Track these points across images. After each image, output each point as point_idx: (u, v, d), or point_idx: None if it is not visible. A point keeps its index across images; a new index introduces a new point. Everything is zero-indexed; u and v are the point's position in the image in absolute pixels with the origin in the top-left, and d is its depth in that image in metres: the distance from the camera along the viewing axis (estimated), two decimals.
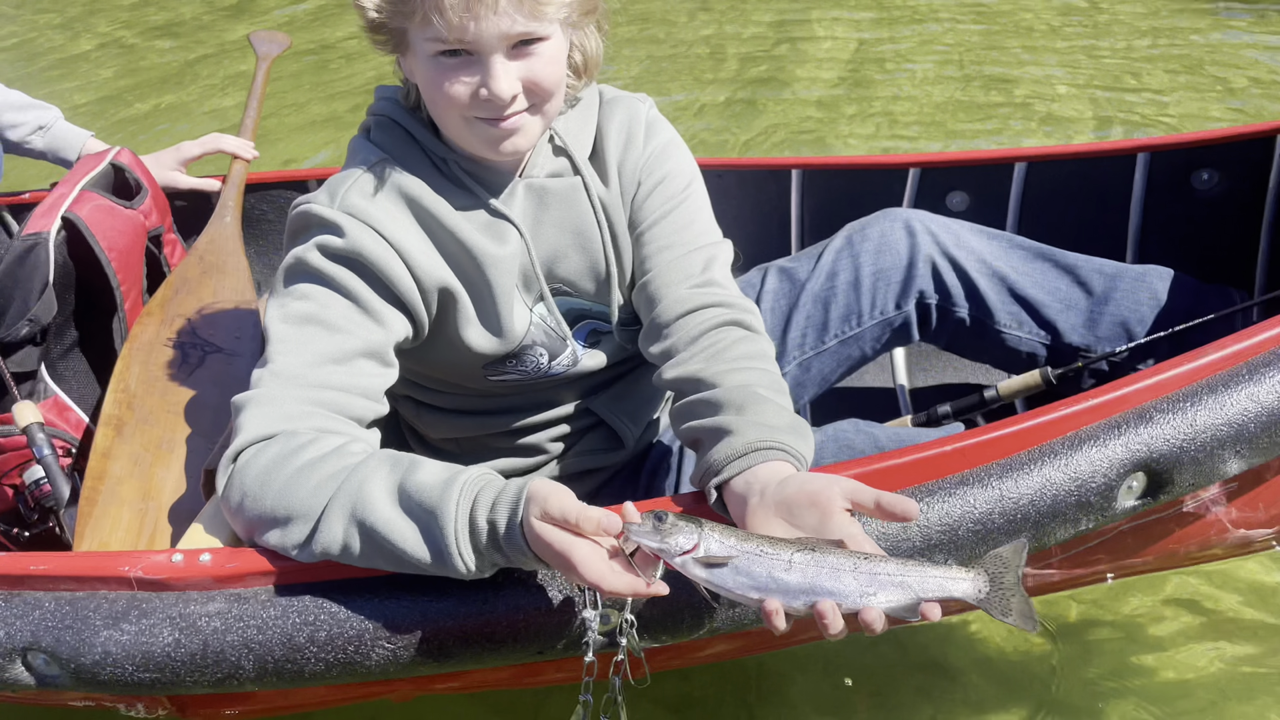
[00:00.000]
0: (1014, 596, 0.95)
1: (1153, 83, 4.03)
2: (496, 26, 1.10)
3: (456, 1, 1.07)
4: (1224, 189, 1.79)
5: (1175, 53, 4.29)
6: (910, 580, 0.91)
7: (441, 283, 1.24)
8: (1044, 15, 5.10)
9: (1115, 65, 4.25)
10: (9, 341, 1.55)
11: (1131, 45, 4.44)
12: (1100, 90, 3.99)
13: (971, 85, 4.05)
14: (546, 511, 0.95)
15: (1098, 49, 4.45)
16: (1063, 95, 3.99)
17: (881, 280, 1.64)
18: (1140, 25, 4.63)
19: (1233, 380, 1.16)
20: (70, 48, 6.36)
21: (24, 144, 2.08)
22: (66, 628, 1.09)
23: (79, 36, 6.56)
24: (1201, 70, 4.11)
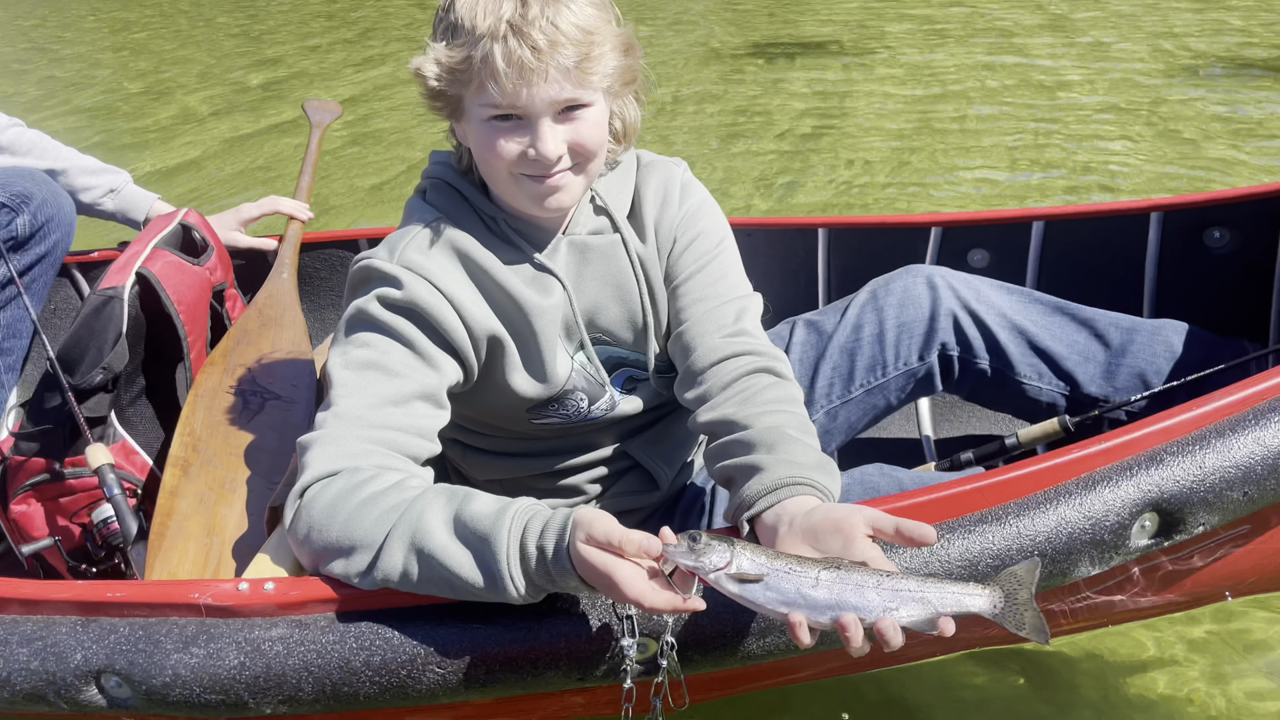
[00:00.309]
0: (1027, 611, 1.01)
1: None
2: (546, 93, 1.20)
3: (510, 71, 1.18)
4: (1235, 246, 1.85)
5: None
6: (930, 595, 0.98)
7: (490, 331, 1.33)
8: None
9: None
10: (83, 388, 1.65)
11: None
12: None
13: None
14: (591, 535, 1.03)
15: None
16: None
17: (905, 333, 1.71)
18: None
19: (1239, 425, 1.21)
20: (146, 114, 6.69)
21: (96, 205, 2.22)
22: (140, 651, 1.16)
23: (155, 104, 6.92)
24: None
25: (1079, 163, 4.30)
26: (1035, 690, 1.76)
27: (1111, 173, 4.15)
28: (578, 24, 1.20)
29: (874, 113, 5.33)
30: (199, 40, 10.23)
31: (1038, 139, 4.65)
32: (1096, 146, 4.50)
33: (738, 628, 1.16)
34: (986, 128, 4.90)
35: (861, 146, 4.81)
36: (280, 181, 5.04)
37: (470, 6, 1.20)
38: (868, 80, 6.01)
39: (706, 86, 6.32)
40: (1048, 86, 5.51)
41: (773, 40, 7.55)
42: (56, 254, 2.10)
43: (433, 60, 1.24)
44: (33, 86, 8.06)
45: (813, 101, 5.67)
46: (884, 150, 4.70)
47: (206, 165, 5.56)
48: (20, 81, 8.28)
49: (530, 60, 1.17)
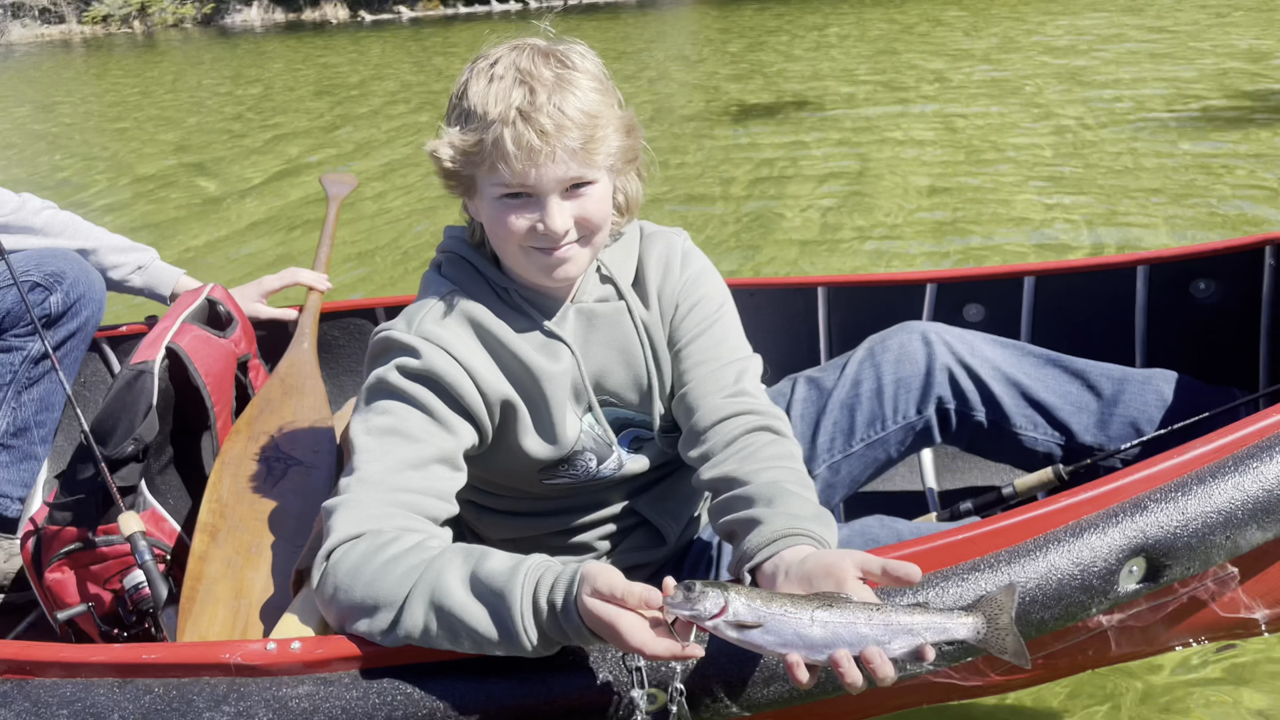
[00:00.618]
0: (1009, 636, 1.06)
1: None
2: (554, 173, 1.29)
3: (520, 153, 1.27)
4: (1221, 296, 1.92)
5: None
6: (917, 625, 1.03)
7: (503, 396, 1.40)
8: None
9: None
10: (115, 459, 1.73)
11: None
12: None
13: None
14: (596, 589, 1.09)
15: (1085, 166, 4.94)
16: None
17: (902, 388, 1.78)
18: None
19: (1220, 471, 1.27)
20: (168, 191, 6.91)
21: (125, 282, 2.32)
22: (174, 711, 1.22)
23: (174, 181, 7.15)
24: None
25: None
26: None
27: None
28: (582, 109, 1.29)
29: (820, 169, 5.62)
30: (221, 114, 10.56)
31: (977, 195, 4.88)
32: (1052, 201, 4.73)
33: (743, 676, 1.21)
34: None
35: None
36: (303, 256, 5.23)
37: (483, 94, 1.29)
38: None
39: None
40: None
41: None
42: (88, 329, 2.19)
43: (447, 143, 1.33)
44: (42, 173, 8.33)
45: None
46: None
47: (232, 238, 5.75)
48: (32, 167, 8.55)
49: (538, 143, 1.26)
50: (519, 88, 1.28)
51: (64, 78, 16.22)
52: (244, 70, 14.97)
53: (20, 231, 2.20)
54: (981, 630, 1.06)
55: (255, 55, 17.43)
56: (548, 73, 1.29)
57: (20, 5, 27.04)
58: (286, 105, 10.93)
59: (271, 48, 18.78)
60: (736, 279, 2.24)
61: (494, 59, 1.33)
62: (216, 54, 18.53)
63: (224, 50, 19.04)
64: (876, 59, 10.01)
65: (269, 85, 12.91)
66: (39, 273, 2.11)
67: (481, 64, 1.33)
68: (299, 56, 16.61)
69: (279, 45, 19.19)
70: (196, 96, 12.39)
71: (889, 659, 1.04)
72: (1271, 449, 1.27)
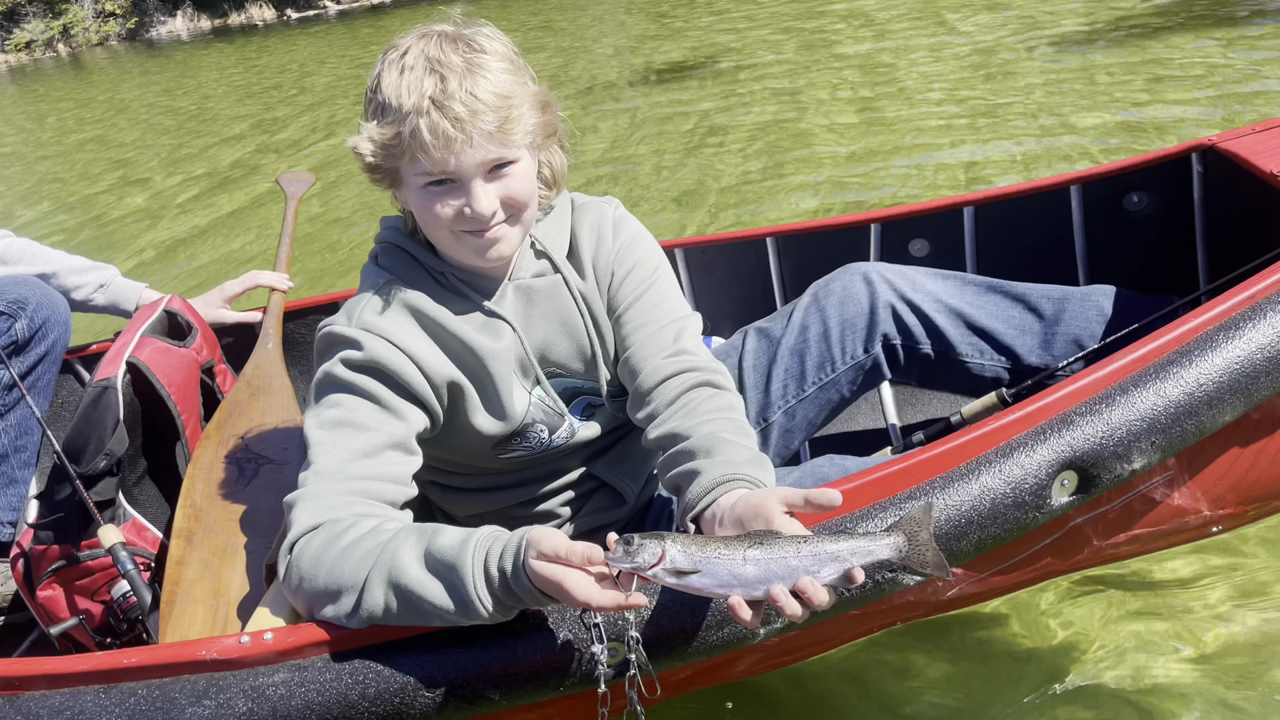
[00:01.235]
0: (929, 550, 1.11)
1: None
2: (473, 157, 1.32)
3: (438, 142, 1.29)
4: (1154, 207, 1.95)
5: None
6: (843, 551, 1.08)
7: (449, 378, 1.44)
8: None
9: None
10: (90, 475, 1.77)
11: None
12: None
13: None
14: (541, 551, 1.14)
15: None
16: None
17: (848, 329, 1.81)
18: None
19: (1141, 380, 1.31)
20: (120, 207, 6.92)
21: (88, 302, 2.35)
22: (158, 710, 1.27)
23: (125, 196, 7.15)
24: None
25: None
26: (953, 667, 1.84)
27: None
28: (495, 91, 1.31)
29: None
30: (161, 128, 10.54)
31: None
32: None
33: (696, 622, 1.26)
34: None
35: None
36: (267, 256, 5.25)
37: (395, 87, 1.31)
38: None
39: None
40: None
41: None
42: (56, 351, 2.23)
43: (367, 139, 1.35)
44: (12, 195, 8.34)
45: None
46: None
47: (191, 246, 5.77)
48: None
49: (454, 131, 1.29)
50: (430, 76, 1.30)
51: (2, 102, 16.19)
52: (178, 81, 14.91)
53: None
54: (903, 548, 1.10)
55: (186, 65, 17.34)
56: (457, 58, 1.31)
57: None
58: (223, 111, 10.91)
59: (201, 56, 18.64)
60: (685, 238, 2.27)
61: (404, 49, 1.34)
62: (147, 68, 18.37)
63: (155, 64, 18.85)
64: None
65: (204, 93, 12.89)
66: (1, 301, 2.14)
67: (392, 55, 1.35)
68: (230, 61, 16.54)
69: (209, 53, 19.05)
70: (133, 112, 12.34)
71: (821, 586, 1.08)
72: (1189, 354, 1.31)
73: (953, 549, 1.27)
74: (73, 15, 26.53)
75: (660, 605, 1.26)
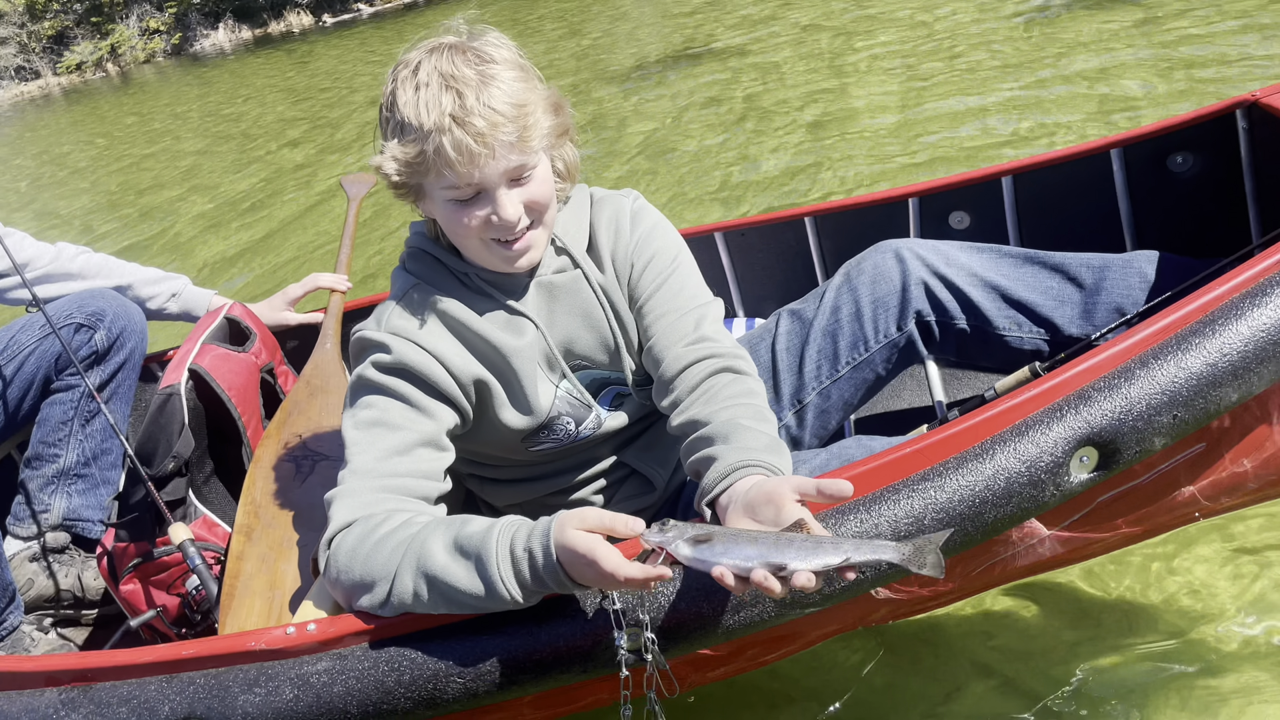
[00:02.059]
0: (931, 555, 1.11)
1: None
2: (496, 168, 1.36)
3: (462, 158, 1.33)
4: (1200, 168, 1.88)
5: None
6: (846, 546, 1.09)
7: (475, 376, 1.49)
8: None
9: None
10: (160, 476, 1.89)
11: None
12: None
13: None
14: (584, 520, 1.19)
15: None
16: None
17: (880, 307, 1.81)
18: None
19: (1161, 353, 1.28)
20: (188, 215, 7.22)
21: (162, 310, 2.48)
22: (215, 697, 1.37)
23: (194, 205, 7.45)
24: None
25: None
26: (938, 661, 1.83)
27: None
28: (510, 101, 1.34)
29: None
30: (223, 135, 10.84)
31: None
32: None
33: (714, 607, 1.29)
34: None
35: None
36: (329, 257, 5.42)
37: (413, 105, 1.34)
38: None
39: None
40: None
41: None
42: (135, 359, 2.36)
43: (390, 158, 1.39)
44: (66, 217, 8.73)
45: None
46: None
47: (259, 249, 6.00)
48: (55, 215, 8.96)
49: (477, 146, 1.32)
50: (447, 93, 1.33)
51: (59, 126, 16.85)
52: (234, 90, 15.25)
53: (61, 279, 2.37)
54: (906, 554, 1.11)
55: (237, 75, 17.58)
56: (470, 71, 1.34)
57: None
58: (280, 115, 11.16)
59: (249, 65, 18.94)
60: (724, 221, 2.28)
61: (414, 65, 1.37)
62: (203, 78, 18.70)
63: (209, 74, 19.22)
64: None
65: (260, 100, 13.18)
66: (81, 314, 2.28)
67: (403, 72, 1.38)
68: (277, 68, 16.79)
69: (256, 61, 19.36)
70: (194, 122, 12.71)
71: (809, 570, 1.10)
72: (1212, 324, 1.28)
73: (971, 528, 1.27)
74: (119, 34, 27.27)
75: (676, 595, 1.29)
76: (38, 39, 27.59)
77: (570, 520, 1.21)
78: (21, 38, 27.54)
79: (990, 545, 1.37)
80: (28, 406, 2.32)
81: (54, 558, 2.28)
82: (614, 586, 1.19)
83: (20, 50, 27.49)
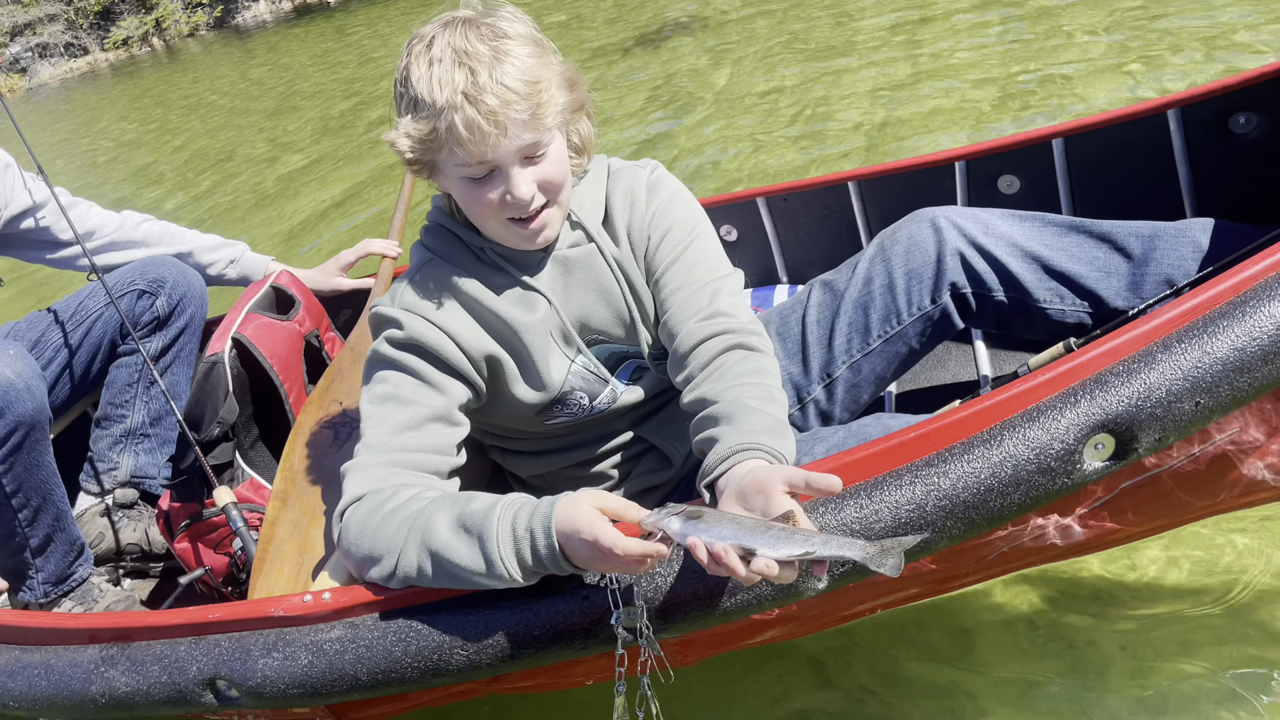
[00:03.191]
0: (893, 558, 1.08)
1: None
2: (509, 146, 1.35)
3: (474, 136, 1.32)
4: (1265, 128, 1.75)
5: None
6: (814, 540, 1.07)
7: (487, 352, 1.50)
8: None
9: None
10: (207, 441, 1.96)
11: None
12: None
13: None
14: (600, 499, 1.21)
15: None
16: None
17: (914, 279, 1.75)
18: None
19: (1184, 336, 1.21)
20: (243, 200, 7.36)
21: (222, 276, 2.56)
22: (237, 659, 1.42)
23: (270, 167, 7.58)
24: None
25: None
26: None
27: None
28: (524, 78, 1.33)
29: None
30: (255, 107, 10.89)
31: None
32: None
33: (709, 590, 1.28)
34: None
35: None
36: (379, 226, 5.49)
37: (426, 82, 1.34)
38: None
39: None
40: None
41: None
42: (195, 323, 2.45)
43: (403, 134, 1.38)
44: (126, 190, 8.98)
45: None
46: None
47: (328, 215, 6.10)
48: (117, 185, 9.19)
49: (489, 123, 1.31)
50: (459, 70, 1.31)
51: (110, 99, 17.15)
52: (279, 60, 15.28)
53: (125, 246, 2.46)
54: (870, 553, 1.08)
55: (274, 48, 17.63)
56: (483, 48, 1.32)
57: (45, 46, 27.89)
58: (322, 89, 11.21)
59: (289, 37, 18.99)
60: (767, 186, 2.23)
61: (428, 39, 1.36)
62: (238, 52, 18.79)
63: (244, 48, 19.30)
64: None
65: (298, 73, 13.24)
66: (143, 280, 2.37)
67: (418, 47, 1.37)
68: (319, 38, 16.79)
69: (298, 32, 19.42)
70: (239, 93, 12.86)
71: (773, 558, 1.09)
72: (1239, 307, 1.20)
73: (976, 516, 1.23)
74: (164, 9, 27.70)
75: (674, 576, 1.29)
76: (85, 15, 28.17)
77: (580, 498, 1.21)
78: (69, 14, 28.16)
79: (1001, 531, 1.33)
80: (96, 369, 2.43)
81: (123, 513, 2.40)
82: (612, 564, 1.20)
83: (69, 27, 28.15)
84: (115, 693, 1.50)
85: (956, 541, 1.25)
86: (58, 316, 2.39)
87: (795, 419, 1.82)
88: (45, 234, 2.36)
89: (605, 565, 1.21)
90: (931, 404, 1.94)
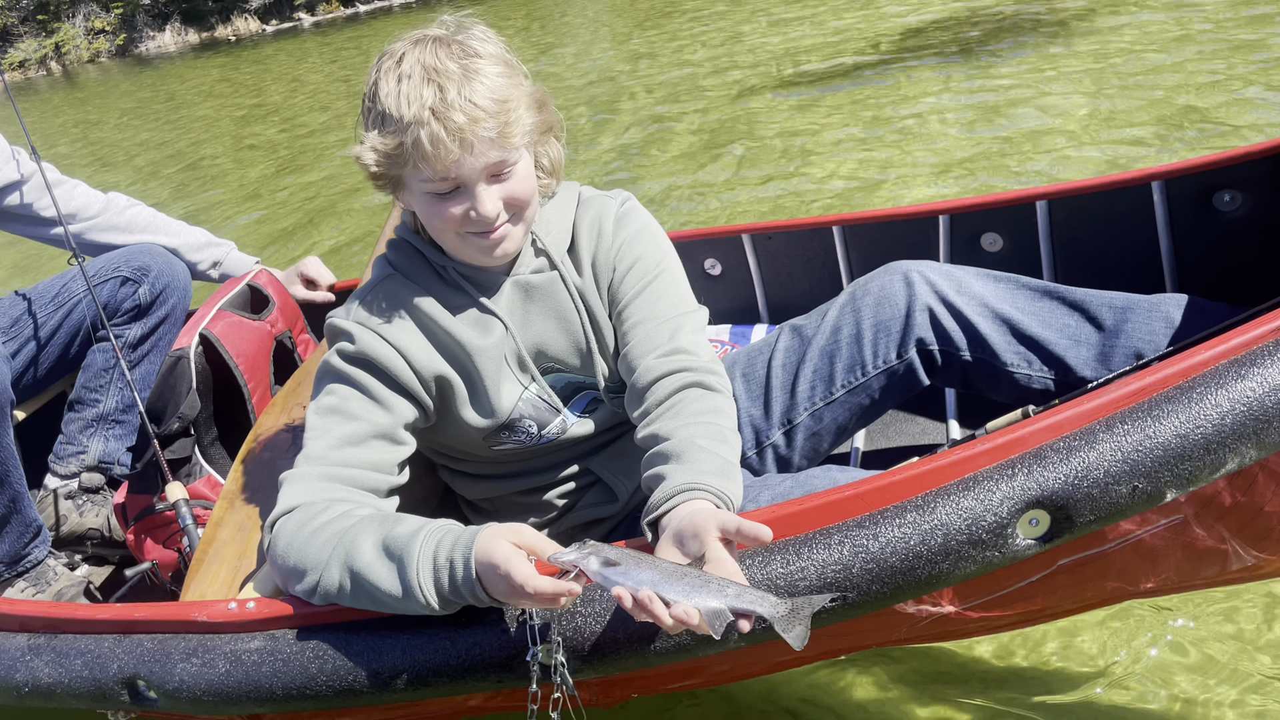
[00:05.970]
0: (800, 625, 1.06)
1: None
2: (475, 164, 1.34)
3: (440, 152, 1.32)
4: (1249, 208, 1.72)
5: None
6: (729, 591, 1.06)
7: (438, 373, 1.49)
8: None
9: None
10: (166, 435, 1.96)
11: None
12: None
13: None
14: (517, 533, 1.19)
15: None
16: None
17: (882, 331, 1.73)
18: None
19: (1130, 417, 1.18)
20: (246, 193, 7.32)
21: (206, 275, 2.56)
22: (156, 661, 1.41)
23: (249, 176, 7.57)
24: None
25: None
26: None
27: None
28: (492, 96, 1.33)
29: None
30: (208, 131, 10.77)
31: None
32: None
33: (628, 634, 1.26)
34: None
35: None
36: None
37: (394, 97, 1.33)
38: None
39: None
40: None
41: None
42: (177, 314, 2.45)
43: (369, 149, 1.38)
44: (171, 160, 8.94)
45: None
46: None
47: (311, 223, 6.06)
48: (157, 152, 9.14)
49: (455, 140, 1.31)
50: (428, 86, 1.31)
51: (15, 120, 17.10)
52: (210, 85, 14.96)
53: (108, 230, 2.47)
54: (780, 612, 1.07)
55: (181, 77, 17.41)
56: (453, 65, 1.33)
57: None
58: (235, 122, 11.02)
59: (193, 69, 18.83)
60: (752, 223, 2.22)
61: (399, 56, 1.36)
62: (140, 82, 18.52)
63: (148, 78, 19.07)
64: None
65: (215, 103, 12.96)
66: (128, 268, 2.37)
67: (388, 63, 1.37)
68: (222, 72, 16.67)
69: (203, 64, 19.29)
70: (150, 123, 12.58)
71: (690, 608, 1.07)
72: (1187, 393, 1.17)
73: (902, 582, 1.21)
74: (64, 33, 27.32)
75: (595, 616, 1.27)
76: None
77: (501, 532, 1.20)
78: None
79: (924, 601, 1.30)
80: (75, 351, 2.44)
81: (88, 497, 2.40)
82: (524, 600, 1.18)
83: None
84: (38, 683, 1.49)
85: (878, 607, 1.22)
86: (40, 297, 2.40)
87: (753, 463, 1.80)
88: (28, 210, 2.37)
89: (519, 601, 1.20)
90: (896, 461, 1.92)
